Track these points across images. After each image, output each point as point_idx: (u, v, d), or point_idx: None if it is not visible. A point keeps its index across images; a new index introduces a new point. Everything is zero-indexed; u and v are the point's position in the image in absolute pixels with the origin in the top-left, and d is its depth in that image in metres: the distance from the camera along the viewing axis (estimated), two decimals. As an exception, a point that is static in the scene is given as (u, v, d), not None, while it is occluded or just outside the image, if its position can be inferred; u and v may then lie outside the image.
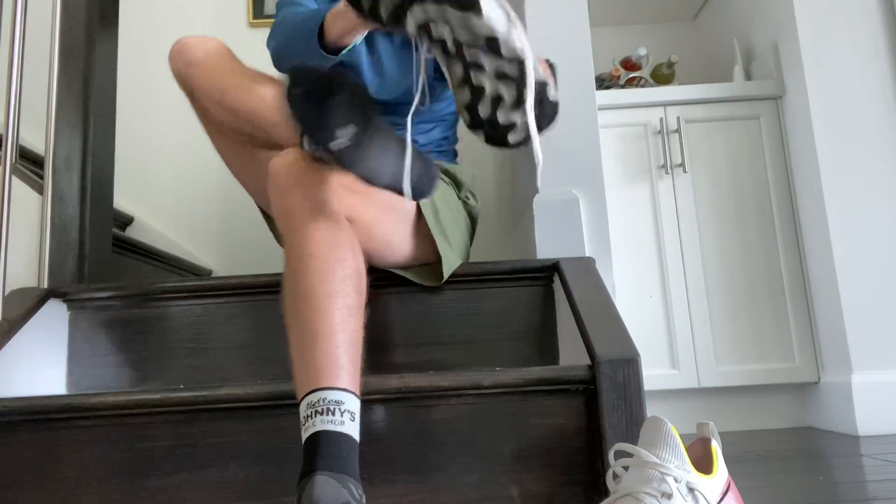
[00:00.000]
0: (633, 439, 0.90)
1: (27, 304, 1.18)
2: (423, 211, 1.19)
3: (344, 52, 1.07)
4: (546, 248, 1.37)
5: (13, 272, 1.25)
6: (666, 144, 2.06)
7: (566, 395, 0.95)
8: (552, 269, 1.27)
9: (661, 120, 2.06)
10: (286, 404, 0.96)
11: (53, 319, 1.24)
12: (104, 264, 1.46)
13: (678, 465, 0.72)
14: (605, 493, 0.90)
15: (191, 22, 2.53)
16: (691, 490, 0.71)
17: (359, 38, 1.07)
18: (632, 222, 2.04)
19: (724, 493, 0.75)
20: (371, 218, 1.09)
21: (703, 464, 0.80)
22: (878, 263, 1.84)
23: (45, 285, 1.30)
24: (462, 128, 1.33)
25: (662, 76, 2.36)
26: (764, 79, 2.14)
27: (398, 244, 1.17)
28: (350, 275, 0.91)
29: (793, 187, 2.04)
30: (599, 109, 2.04)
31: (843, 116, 1.91)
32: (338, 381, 0.82)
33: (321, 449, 0.77)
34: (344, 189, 1.02)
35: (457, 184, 1.35)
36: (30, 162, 1.69)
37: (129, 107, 2.35)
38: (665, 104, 2.09)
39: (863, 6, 1.95)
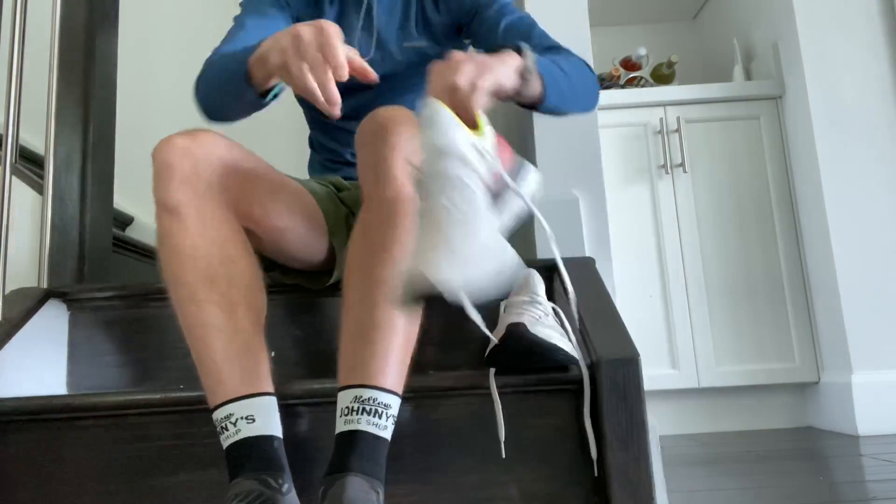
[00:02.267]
0: (634, 439, 0.90)
1: (27, 304, 1.18)
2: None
3: (273, 93, 0.96)
4: (546, 248, 1.37)
5: (13, 272, 1.25)
6: (666, 144, 2.06)
7: (566, 395, 0.95)
8: (552, 269, 1.27)
9: (661, 120, 2.06)
10: (286, 404, 0.96)
11: (53, 319, 1.24)
12: (104, 264, 1.46)
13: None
14: (605, 491, 0.90)
15: (191, 21, 2.53)
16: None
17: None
18: (632, 222, 2.04)
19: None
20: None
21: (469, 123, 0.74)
22: (878, 263, 1.84)
23: (45, 285, 1.30)
24: None
25: (662, 76, 2.36)
26: (764, 79, 2.14)
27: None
28: None
29: (793, 187, 2.04)
30: (599, 109, 2.04)
31: (843, 116, 1.91)
32: (390, 383, 0.81)
33: (360, 449, 0.76)
34: None
35: None
36: (30, 162, 1.69)
37: (129, 107, 2.34)
38: (665, 104, 2.09)
39: (863, 6, 1.95)
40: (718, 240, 2.03)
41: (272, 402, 0.86)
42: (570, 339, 0.98)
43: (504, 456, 0.92)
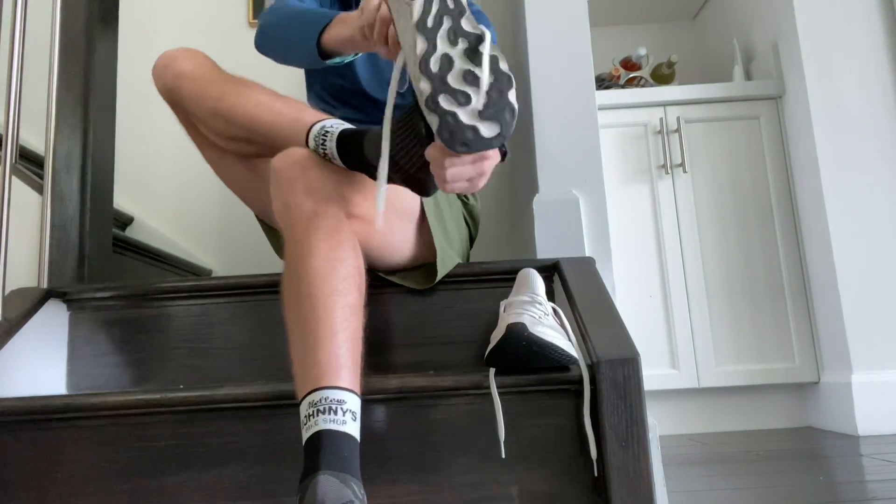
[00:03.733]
0: (634, 439, 0.90)
1: (27, 304, 1.18)
2: (426, 208, 1.19)
3: (335, 60, 1.08)
4: (546, 248, 1.37)
5: (13, 272, 1.25)
6: (666, 144, 2.06)
7: (566, 395, 0.95)
8: (552, 269, 1.27)
9: (661, 120, 2.06)
10: (286, 404, 0.96)
11: (53, 319, 1.24)
12: (104, 264, 1.46)
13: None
14: (605, 491, 0.90)
15: (190, 21, 2.53)
16: None
17: (352, 56, 1.08)
18: (632, 222, 2.04)
19: None
20: (371, 217, 1.09)
21: None
22: (878, 263, 1.84)
23: (45, 285, 1.30)
24: None
25: (662, 76, 2.36)
26: (764, 79, 2.14)
27: (397, 244, 1.17)
28: (352, 273, 0.91)
29: (793, 187, 2.04)
30: (599, 109, 2.04)
31: (843, 116, 1.91)
32: (339, 381, 0.82)
33: (323, 448, 0.77)
34: (345, 186, 1.02)
35: None
36: (30, 162, 1.69)
37: (129, 107, 2.34)
38: (665, 104, 2.09)
39: (863, 6, 1.95)
40: (718, 240, 2.03)
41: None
42: (570, 339, 0.98)
43: (504, 456, 0.92)
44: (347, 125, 1.02)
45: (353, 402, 0.82)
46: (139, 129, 2.39)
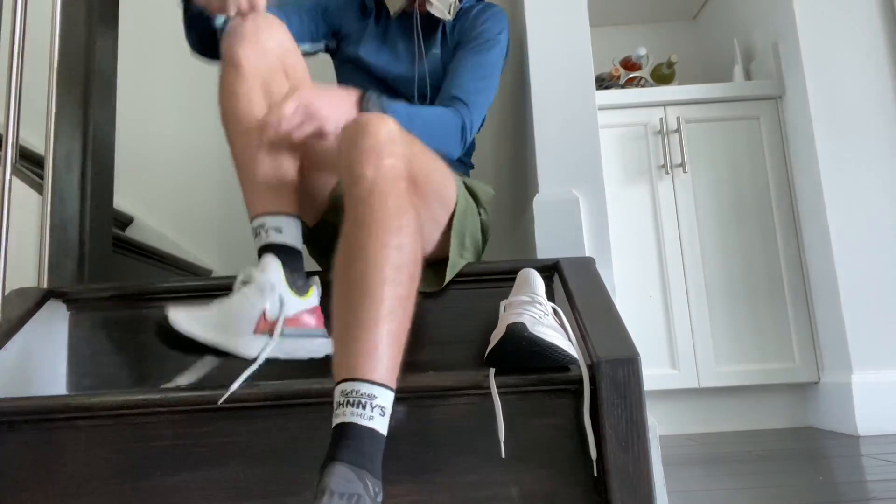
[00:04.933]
0: (634, 439, 0.90)
1: (27, 304, 1.18)
2: (458, 209, 1.22)
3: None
4: (546, 247, 1.37)
5: (13, 272, 1.25)
6: (666, 144, 2.06)
7: (566, 395, 0.95)
8: (552, 268, 1.27)
9: (661, 120, 2.06)
10: (286, 404, 0.96)
11: (53, 319, 1.24)
12: (104, 264, 1.46)
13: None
14: (605, 492, 0.90)
15: (191, 22, 2.52)
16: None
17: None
18: (632, 222, 2.04)
19: None
20: (425, 204, 1.10)
21: None
22: (878, 263, 1.84)
23: (45, 285, 1.30)
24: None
25: (662, 76, 2.36)
26: (764, 79, 2.14)
27: (426, 233, 1.16)
28: (407, 262, 0.88)
29: (793, 187, 2.04)
30: (599, 109, 2.04)
31: (843, 116, 1.91)
32: (374, 375, 0.82)
33: (345, 440, 0.78)
34: (419, 167, 1.03)
35: (475, 199, 1.36)
36: (30, 162, 1.69)
37: (129, 107, 2.34)
38: (665, 104, 2.09)
39: (863, 6, 1.95)
40: (718, 240, 2.03)
41: (297, 220, 1.09)
42: (570, 339, 0.98)
43: (504, 456, 0.92)
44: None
45: (385, 398, 0.82)
46: (139, 129, 2.39)
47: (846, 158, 1.89)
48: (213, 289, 1.27)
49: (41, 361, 1.19)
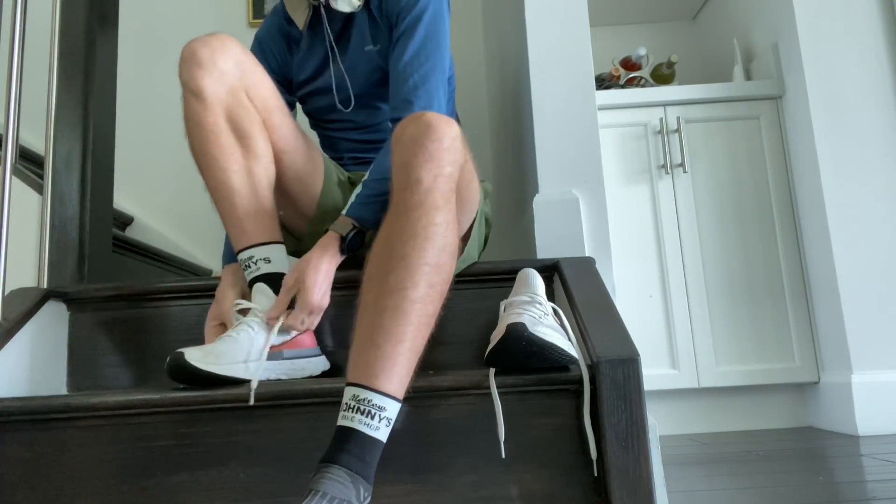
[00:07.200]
0: (634, 439, 0.90)
1: (27, 304, 1.18)
2: (478, 216, 1.20)
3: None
4: (546, 248, 1.37)
5: (13, 272, 1.25)
6: (666, 144, 2.06)
7: (566, 395, 0.95)
8: (552, 269, 1.27)
9: (661, 120, 2.06)
10: (286, 404, 0.96)
11: (53, 319, 1.24)
12: (104, 264, 1.46)
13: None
14: (605, 492, 0.90)
15: (190, 21, 2.53)
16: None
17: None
18: (632, 222, 2.04)
19: None
20: (460, 212, 1.04)
21: None
22: (878, 263, 1.84)
23: (45, 285, 1.30)
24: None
25: (662, 76, 2.36)
26: (764, 79, 2.14)
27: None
28: (442, 282, 0.88)
29: (793, 187, 2.04)
30: (599, 109, 2.04)
31: (843, 116, 1.91)
32: (388, 387, 0.82)
33: (348, 444, 0.79)
34: (461, 180, 0.98)
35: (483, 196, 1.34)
36: (30, 162, 1.69)
37: (128, 107, 2.34)
38: (665, 104, 2.09)
39: (863, 6, 1.95)
40: (718, 240, 2.03)
41: (282, 248, 1.13)
42: (570, 339, 0.98)
43: (504, 456, 0.92)
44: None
45: (393, 410, 0.83)
46: (139, 129, 2.39)
47: (846, 158, 1.89)
48: (213, 289, 1.27)
49: (41, 361, 1.19)
